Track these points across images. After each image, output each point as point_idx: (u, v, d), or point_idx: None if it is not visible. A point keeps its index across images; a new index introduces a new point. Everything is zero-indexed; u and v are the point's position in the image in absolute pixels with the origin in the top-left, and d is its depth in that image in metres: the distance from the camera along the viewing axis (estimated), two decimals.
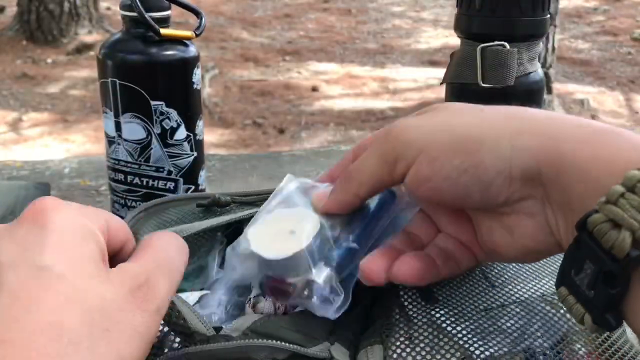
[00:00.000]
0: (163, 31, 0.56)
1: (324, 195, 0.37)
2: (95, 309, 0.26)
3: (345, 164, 0.39)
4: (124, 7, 0.57)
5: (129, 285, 0.28)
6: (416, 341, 0.31)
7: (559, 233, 0.30)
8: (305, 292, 0.34)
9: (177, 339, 0.32)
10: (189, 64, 0.58)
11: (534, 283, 0.37)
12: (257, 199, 0.47)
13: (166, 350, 0.32)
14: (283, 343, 0.31)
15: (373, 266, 0.34)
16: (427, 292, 0.35)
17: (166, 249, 0.31)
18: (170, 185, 0.59)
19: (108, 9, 4.91)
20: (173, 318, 0.31)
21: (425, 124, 0.33)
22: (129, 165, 0.58)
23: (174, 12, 0.59)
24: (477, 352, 0.31)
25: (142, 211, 0.47)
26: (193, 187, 0.61)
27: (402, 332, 0.32)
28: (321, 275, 0.34)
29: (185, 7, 0.60)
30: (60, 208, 0.28)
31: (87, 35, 4.23)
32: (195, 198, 0.49)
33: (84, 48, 4.08)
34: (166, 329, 0.32)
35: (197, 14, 0.61)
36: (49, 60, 3.97)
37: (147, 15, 0.55)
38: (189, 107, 0.59)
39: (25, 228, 0.27)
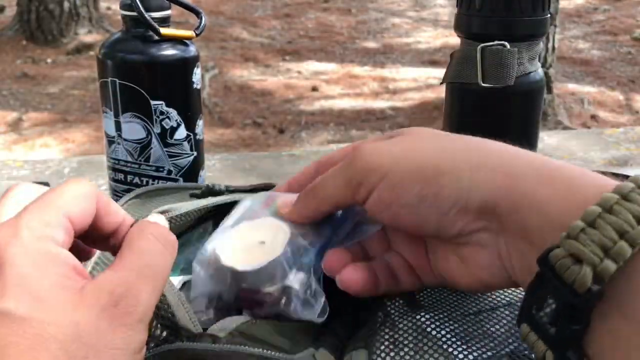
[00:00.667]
0: (163, 31, 0.56)
1: (290, 202, 0.38)
2: (69, 340, 0.25)
3: (304, 178, 0.40)
4: (124, 6, 0.57)
5: (105, 301, 0.27)
6: (400, 345, 0.31)
7: (512, 268, 0.31)
8: (283, 300, 0.34)
9: (164, 333, 0.32)
10: (189, 63, 0.58)
11: (521, 289, 0.37)
12: (252, 190, 0.47)
13: (152, 345, 0.31)
14: (269, 352, 0.31)
15: (333, 264, 0.35)
16: (410, 298, 0.35)
17: (149, 251, 0.29)
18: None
19: (108, 8, 4.91)
20: (162, 311, 0.31)
21: (390, 150, 0.33)
22: (129, 165, 0.58)
23: (174, 12, 0.59)
24: (461, 355, 0.31)
25: (134, 197, 0.47)
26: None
27: (386, 336, 0.32)
28: (297, 280, 0.34)
29: (185, 7, 0.60)
30: (14, 240, 0.27)
31: (87, 35, 4.23)
32: (188, 188, 0.49)
33: (84, 48, 4.08)
34: (154, 322, 0.32)
35: (197, 13, 0.61)
36: (49, 60, 3.97)
37: (147, 15, 0.55)
38: (189, 106, 0.59)
39: None
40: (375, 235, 0.37)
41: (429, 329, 0.32)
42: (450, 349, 0.31)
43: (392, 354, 0.31)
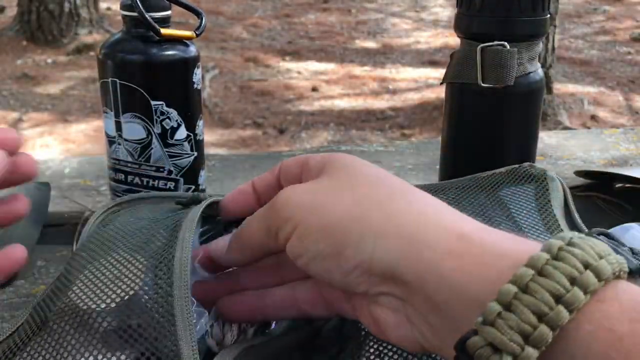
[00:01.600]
0: (163, 31, 0.56)
1: (221, 251, 0.38)
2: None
3: (242, 196, 0.39)
4: (124, 7, 0.57)
5: None
6: (385, 358, 0.31)
7: (423, 337, 0.29)
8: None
9: None
10: (189, 64, 0.58)
11: None
12: None
13: None
14: None
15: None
16: None
17: None
18: (171, 185, 0.59)
19: (108, 9, 4.91)
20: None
21: (302, 201, 0.32)
22: (129, 165, 0.59)
23: (174, 12, 0.59)
24: None
25: (116, 205, 0.47)
26: (193, 187, 0.61)
27: (372, 350, 0.32)
28: None
29: (185, 7, 0.60)
30: None
31: (87, 35, 4.23)
32: (172, 197, 0.49)
33: (84, 48, 4.08)
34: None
35: (197, 14, 0.61)
36: (49, 61, 3.97)
37: (147, 15, 0.55)
38: (189, 107, 0.59)
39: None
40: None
41: None
42: (439, 357, 0.31)
43: None
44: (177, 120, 0.58)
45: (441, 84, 0.61)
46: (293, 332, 0.35)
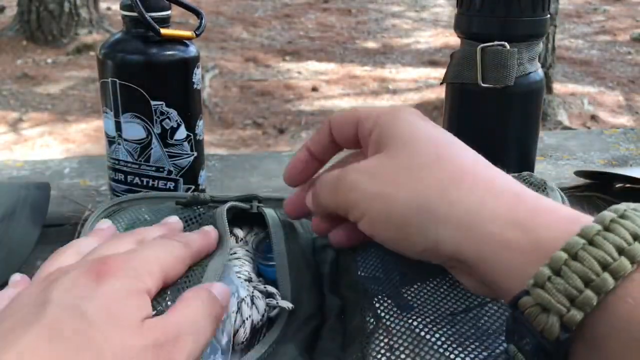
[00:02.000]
0: (163, 31, 0.56)
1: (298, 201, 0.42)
2: (108, 353, 0.28)
3: (304, 165, 0.42)
4: (124, 7, 0.57)
5: (155, 337, 0.30)
6: (397, 352, 0.31)
7: (494, 292, 0.31)
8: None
9: None
10: (189, 64, 0.58)
11: None
12: (236, 198, 0.47)
13: None
14: None
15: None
16: (402, 300, 0.35)
17: (198, 311, 0.33)
18: (171, 185, 0.59)
19: (108, 9, 4.91)
20: None
21: (365, 190, 0.34)
22: (129, 165, 0.58)
23: (174, 12, 0.59)
24: (458, 359, 0.31)
25: (115, 204, 0.48)
26: (193, 187, 0.61)
27: (382, 343, 0.32)
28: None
29: (185, 7, 0.60)
30: (118, 273, 0.32)
31: (87, 35, 4.23)
32: (172, 197, 0.49)
33: (84, 48, 4.08)
34: None
35: (197, 14, 0.61)
36: (49, 61, 3.97)
37: (147, 15, 0.55)
38: (189, 107, 0.59)
39: (86, 282, 0.31)
40: None
41: (422, 333, 0.32)
42: (447, 353, 0.31)
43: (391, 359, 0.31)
44: (177, 120, 0.58)
45: (441, 84, 0.61)
46: (292, 338, 0.35)
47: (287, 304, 0.37)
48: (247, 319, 0.36)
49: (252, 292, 0.38)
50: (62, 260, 0.36)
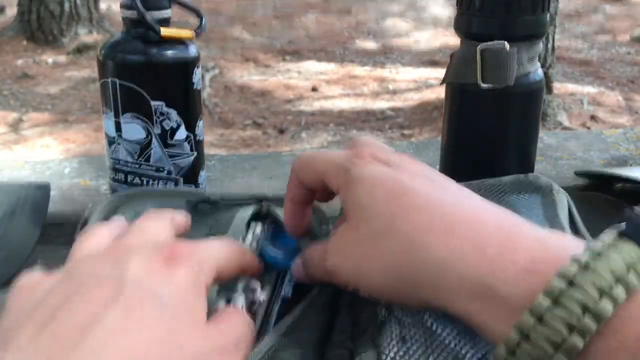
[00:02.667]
0: (163, 31, 0.56)
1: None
2: (188, 349, 0.28)
3: (297, 218, 0.41)
4: (124, 7, 0.57)
5: (225, 340, 0.30)
6: (408, 344, 0.31)
7: None
8: None
9: None
10: (189, 64, 0.58)
11: None
12: (245, 202, 0.48)
13: None
14: None
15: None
16: None
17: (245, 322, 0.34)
18: (171, 185, 0.59)
19: (108, 9, 4.91)
20: None
21: (350, 268, 0.34)
22: (129, 165, 0.59)
23: (174, 12, 0.59)
24: (469, 354, 0.31)
25: (123, 196, 0.48)
26: (193, 187, 0.61)
27: (394, 334, 0.32)
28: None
29: (185, 7, 0.60)
30: (187, 263, 0.31)
31: (88, 35, 4.23)
32: (182, 194, 0.49)
33: (84, 48, 4.08)
34: None
35: (197, 13, 0.61)
36: (50, 60, 3.97)
37: (147, 15, 0.55)
38: (189, 107, 0.59)
39: (160, 266, 0.30)
40: None
41: (433, 327, 0.32)
42: (458, 347, 0.31)
43: (401, 352, 0.31)
44: (177, 121, 0.58)
45: (441, 84, 0.61)
46: (306, 329, 0.36)
47: (262, 297, 0.38)
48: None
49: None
50: (97, 242, 0.34)
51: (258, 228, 0.46)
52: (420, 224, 0.31)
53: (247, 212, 0.46)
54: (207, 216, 0.48)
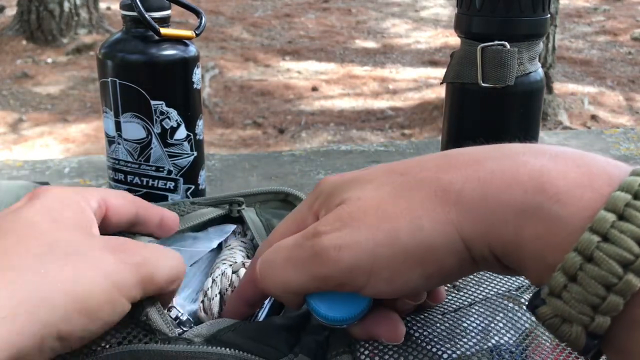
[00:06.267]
0: (163, 31, 0.55)
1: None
2: (62, 241, 0.30)
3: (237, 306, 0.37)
4: (124, 6, 0.57)
5: (110, 242, 0.32)
6: (385, 349, 0.31)
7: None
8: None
9: (141, 335, 0.32)
10: (189, 63, 0.58)
11: (496, 282, 0.37)
12: (217, 202, 0.48)
13: (125, 342, 0.32)
14: (246, 354, 0.31)
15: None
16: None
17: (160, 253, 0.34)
18: (170, 184, 0.59)
19: (108, 9, 4.91)
20: (138, 315, 0.32)
21: (360, 239, 0.28)
22: (129, 165, 0.58)
23: (174, 12, 0.59)
24: (445, 355, 0.31)
25: None
26: (193, 187, 0.61)
27: (370, 340, 0.32)
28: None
29: (185, 6, 0.60)
30: (54, 189, 0.35)
31: (87, 35, 4.23)
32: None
33: (84, 48, 4.08)
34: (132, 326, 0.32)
35: (197, 13, 0.61)
36: (49, 60, 3.97)
37: (147, 15, 0.55)
38: (189, 107, 0.59)
39: (22, 201, 0.34)
40: None
41: (411, 331, 0.32)
42: (434, 349, 0.31)
43: (376, 358, 0.31)
44: (176, 120, 0.58)
45: (441, 83, 0.61)
46: (282, 317, 0.36)
47: None
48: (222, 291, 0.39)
49: (225, 270, 0.40)
50: None
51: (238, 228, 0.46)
52: (430, 189, 0.28)
53: (215, 213, 0.47)
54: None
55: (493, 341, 0.32)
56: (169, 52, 0.57)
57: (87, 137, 2.93)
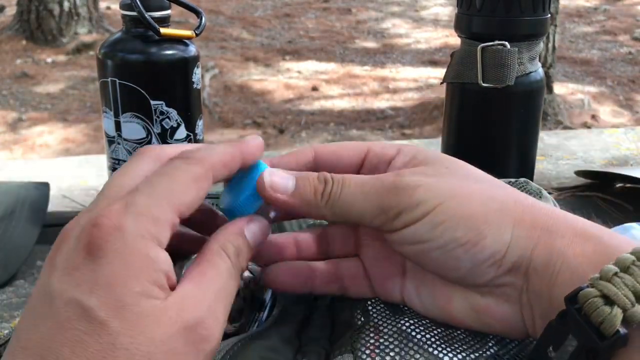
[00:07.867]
0: (163, 31, 0.55)
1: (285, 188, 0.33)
2: (140, 355, 0.25)
3: (303, 159, 0.36)
4: (124, 6, 0.57)
5: (186, 320, 0.26)
6: (386, 350, 0.31)
7: (531, 321, 0.30)
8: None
9: None
10: (189, 63, 0.58)
11: None
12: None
13: None
14: None
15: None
16: (395, 306, 0.35)
17: (226, 272, 0.29)
18: None
19: (108, 8, 4.91)
20: None
21: (439, 187, 0.31)
22: None
23: (174, 12, 0.59)
24: (446, 358, 0.31)
25: None
26: None
27: (371, 341, 0.32)
28: None
29: (185, 6, 0.60)
30: (117, 233, 0.26)
31: (87, 34, 4.23)
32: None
33: (83, 47, 4.08)
34: None
35: (197, 13, 0.61)
36: (49, 60, 3.97)
37: (147, 14, 0.55)
38: (189, 106, 0.59)
39: (81, 259, 0.26)
40: (339, 235, 0.36)
41: (413, 334, 0.32)
42: (436, 352, 0.31)
43: (377, 358, 0.31)
44: (176, 120, 0.58)
45: (441, 83, 0.61)
46: (285, 321, 0.35)
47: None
48: None
49: None
50: (138, 172, 0.30)
51: None
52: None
53: None
54: None
55: (493, 349, 0.32)
56: (169, 52, 0.57)
57: (87, 137, 2.93)
